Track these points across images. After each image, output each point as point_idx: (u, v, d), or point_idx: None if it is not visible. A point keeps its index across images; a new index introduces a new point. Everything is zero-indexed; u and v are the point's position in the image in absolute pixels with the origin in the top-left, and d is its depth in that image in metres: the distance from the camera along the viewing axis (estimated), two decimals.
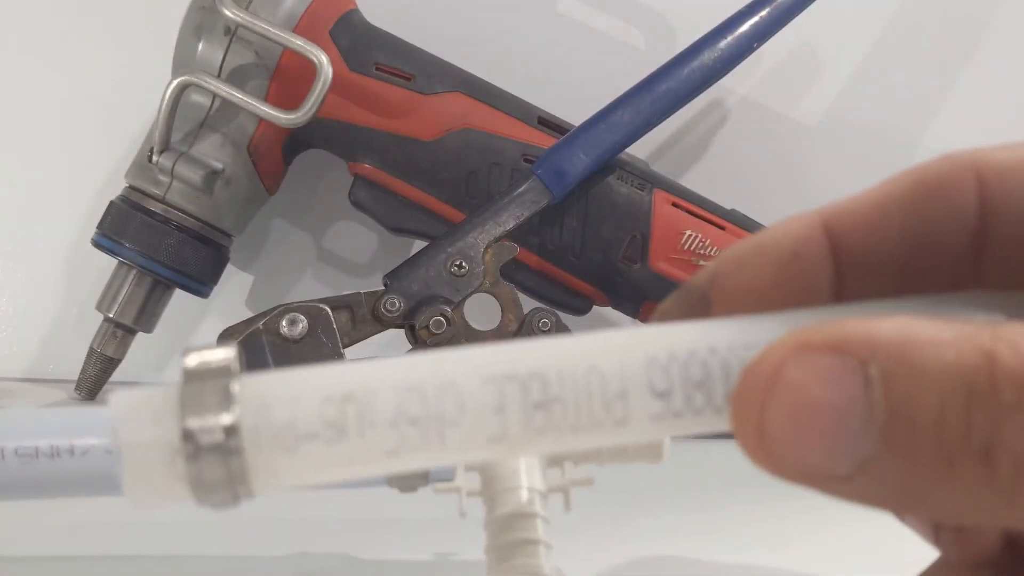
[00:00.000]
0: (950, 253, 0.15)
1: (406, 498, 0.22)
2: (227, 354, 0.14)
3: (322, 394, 0.14)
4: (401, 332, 0.40)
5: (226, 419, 0.14)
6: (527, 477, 0.20)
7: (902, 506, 0.13)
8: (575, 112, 0.43)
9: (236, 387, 0.14)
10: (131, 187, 0.43)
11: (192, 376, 0.14)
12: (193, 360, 0.14)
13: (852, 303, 0.15)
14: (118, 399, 0.14)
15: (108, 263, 0.43)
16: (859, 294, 0.15)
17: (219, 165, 0.42)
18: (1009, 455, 0.12)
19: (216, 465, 0.14)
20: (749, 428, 0.13)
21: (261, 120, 0.42)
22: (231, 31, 0.41)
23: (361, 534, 0.26)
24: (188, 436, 0.14)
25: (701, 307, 0.16)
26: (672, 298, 0.17)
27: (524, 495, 0.20)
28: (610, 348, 0.14)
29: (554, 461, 0.21)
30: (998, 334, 0.12)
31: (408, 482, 0.21)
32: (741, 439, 0.13)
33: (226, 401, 0.14)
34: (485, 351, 0.14)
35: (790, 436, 0.13)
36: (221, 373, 0.14)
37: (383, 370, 0.14)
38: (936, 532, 0.17)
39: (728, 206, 0.44)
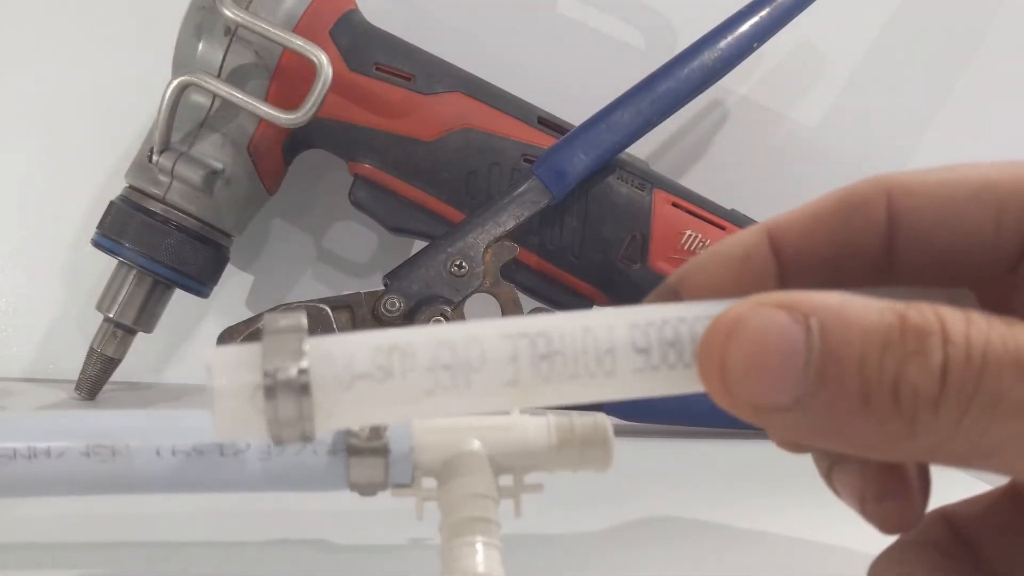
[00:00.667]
0: (868, 256, 0.19)
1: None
2: (298, 318, 0.17)
3: (373, 344, 0.17)
4: None
5: (298, 364, 0.17)
6: (482, 484, 0.21)
7: (828, 437, 0.16)
8: (575, 112, 0.43)
9: (306, 343, 0.17)
10: (131, 187, 0.43)
11: (271, 333, 0.17)
12: (272, 322, 0.17)
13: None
14: (213, 352, 0.17)
15: (108, 263, 0.43)
16: (798, 287, 0.18)
17: (219, 165, 0.42)
18: (909, 388, 0.15)
19: (289, 401, 0.17)
20: (713, 368, 0.17)
21: (261, 120, 0.42)
22: (231, 31, 0.41)
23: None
24: (268, 375, 0.17)
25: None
26: (650, 296, 0.20)
27: (476, 501, 0.21)
28: (601, 316, 0.18)
29: (505, 469, 0.22)
30: (909, 304, 0.16)
31: (368, 487, 0.22)
32: (705, 379, 0.17)
33: (298, 352, 0.17)
34: (502, 318, 0.18)
35: (745, 373, 0.16)
36: (294, 330, 0.17)
37: (421, 329, 0.18)
38: (862, 501, 0.20)
39: (728, 206, 0.44)
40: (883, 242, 0.18)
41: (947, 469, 0.17)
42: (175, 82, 0.40)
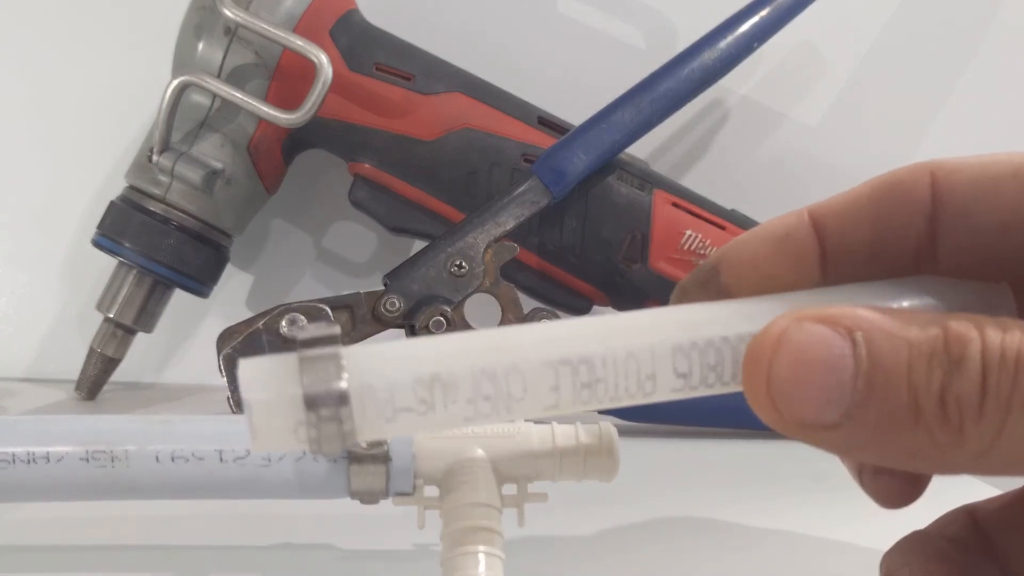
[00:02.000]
0: (911, 238, 0.19)
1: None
2: (332, 330, 0.17)
3: (414, 376, 0.17)
4: (401, 332, 0.40)
5: (339, 389, 0.17)
6: (484, 493, 0.21)
7: (876, 450, 0.16)
8: (575, 112, 0.43)
9: (344, 361, 0.17)
10: (131, 187, 0.43)
11: (307, 346, 0.17)
12: (305, 333, 0.17)
13: (826, 289, 0.19)
14: (247, 364, 0.17)
15: (108, 263, 0.43)
16: (841, 269, 0.19)
17: (219, 165, 0.42)
18: (955, 397, 0.15)
19: (330, 429, 0.17)
20: (758, 384, 0.16)
21: (261, 120, 0.42)
22: (231, 31, 0.41)
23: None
24: (310, 403, 0.17)
25: (712, 279, 0.20)
26: (689, 275, 0.20)
27: (478, 510, 0.21)
28: (643, 337, 0.17)
29: (509, 478, 0.22)
30: (950, 315, 0.16)
31: (369, 495, 0.22)
32: (751, 395, 0.17)
33: (338, 374, 0.17)
34: (544, 334, 0.18)
35: (791, 388, 0.16)
36: (331, 342, 0.17)
37: (462, 352, 0.17)
38: (859, 474, 0.20)
39: (728, 206, 0.44)
40: (926, 222, 0.19)
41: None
42: (175, 82, 0.40)
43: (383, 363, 0.17)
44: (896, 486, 0.20)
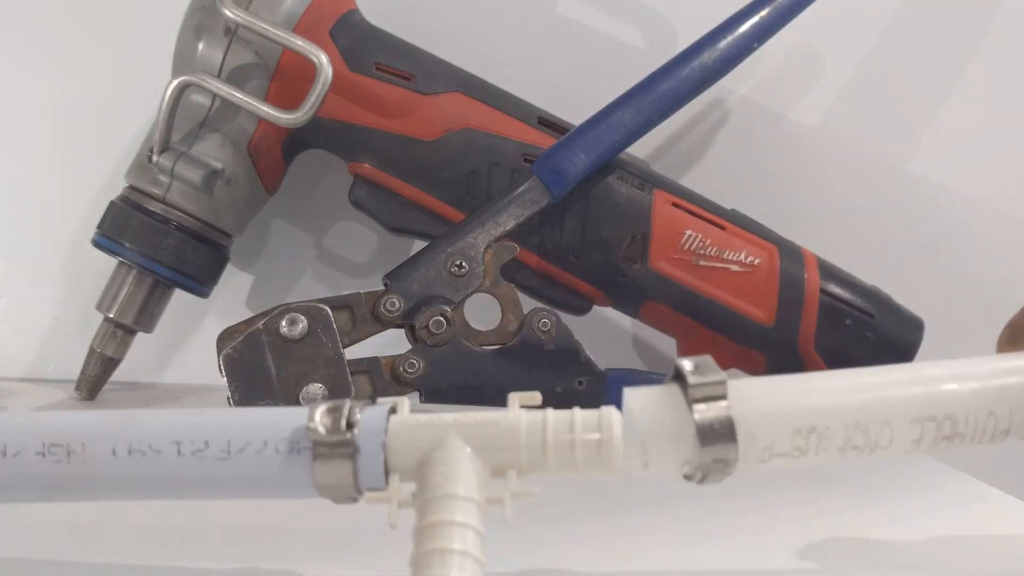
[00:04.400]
0: None
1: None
2: (719, 372, 0.19)
3: (793, 427, 0.19)
4: (401, 332, 0.40)
5: (728, 441, 0.19)
6: (463, 486, 0.19)
7: None
8: (575, 112, 0.43)
9: (728, 397, 0.19)
10: (131, 187, 0.43)
11: (693, 375, 0.19)
12: (689, 365, 0.19)
13: None
14: (634, 394, 0.20)
15: (108, 263, 0.43)
16: None
17: (219, 165, 0.42)
18: None
19: (714, 455, 0.19)
20: None
21: (261, 120, 0.42)
22: (231, 31, 0.41)
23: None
24: (701, 429, 0.19)
25: None
26: (1003, 336, 0.22)
27: (454, 504, 0.19)
28: (1005, 393, 0.19)
29: (497, 472, 0.20)
30: None
31: (336, 491, 0.20)
32: None
33: (729, 429, 0.19)
34: (914, 388, 0.19)
35: None
36: (716, 376, 0.19)
37: (840, 409, 0.19)
38: None
39: (728, 206, 0.44)
40: None
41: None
42: (175, 82, 0.40)
43: (766, 411, 0.19)
44: None
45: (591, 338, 0.41)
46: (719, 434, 0.19)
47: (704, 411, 0.19)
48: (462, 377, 0.39)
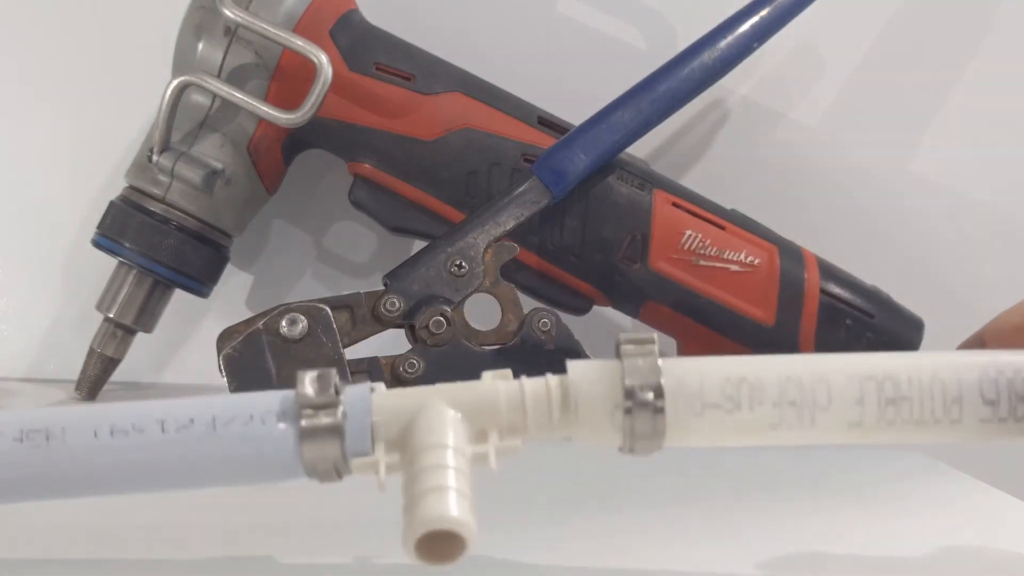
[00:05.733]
0: None
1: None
2: (652, 338, 0.19)
3: (723, 375, 0.19)
4: (401, 332, 0.40)
5: (655, 384, 0.19)
6: (451, 437, 0.20)
7: None
8: (575, 112, 0.43)
9: (660, 363, 0.19)
10: (131, 187, 0.43)
11: (627, 353, 0.19)
12: (626, 340, 0.19)
13: None
14: (576, 365, 0.20)
15: (108, 263, 0.43)
16: None
17: (219, 165, 0.42)
18: None
19: (645, 418, 0.19)
20: None
21: (261, 120, 0.42)
22: (231, 31, 0.41)
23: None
24: (629, 393, 0.19)
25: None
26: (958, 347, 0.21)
27: (443, 451, 0.19)
28: (950, 364, 0.19)
29: (480, 436, 0.21)
30: None
31: (324, 464, 0.20)
32: None
33: (655, 372, 0.19)
34: (851, 357, 0.19)
35: None
36: (649, 353, 0.19)
37: (771, 363, 0.19)
38: None
39: (728, 206, 0.44)
40: None
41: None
42: (175, 82, 0.40)
43: (696, 365, 0.19)
44: None
45: (591, 338, 0.41)
46: (645, 372, 0.19)
47: (632, 351, 0.19)
48: (462, 377, 0.39)
